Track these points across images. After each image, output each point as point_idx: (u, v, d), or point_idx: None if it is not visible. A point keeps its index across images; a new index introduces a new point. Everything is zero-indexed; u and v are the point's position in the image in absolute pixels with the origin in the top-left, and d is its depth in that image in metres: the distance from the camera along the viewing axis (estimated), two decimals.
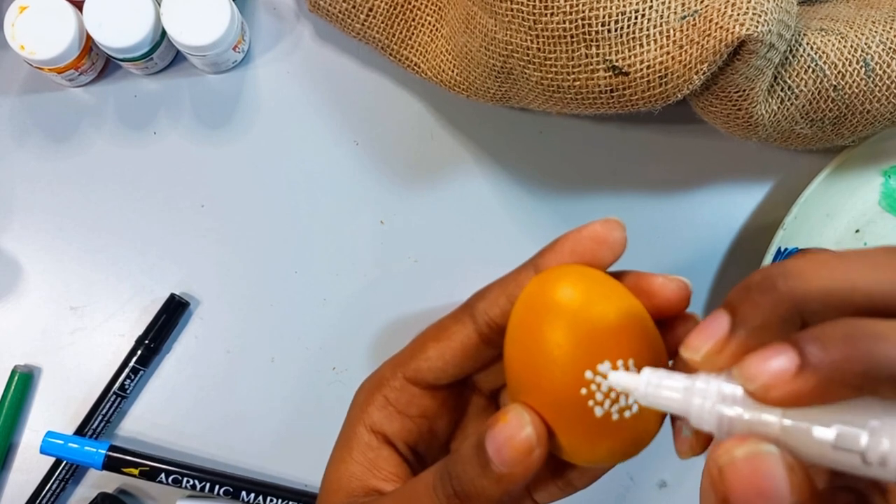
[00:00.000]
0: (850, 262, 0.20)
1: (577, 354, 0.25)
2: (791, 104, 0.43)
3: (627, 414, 0.25)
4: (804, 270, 0.20)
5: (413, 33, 0.47)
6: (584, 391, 0.25)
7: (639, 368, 0.25)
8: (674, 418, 0.26)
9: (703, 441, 0.24)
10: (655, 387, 0.22)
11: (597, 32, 0.39)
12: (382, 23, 0.47)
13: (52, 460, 0.47)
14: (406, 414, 0.30)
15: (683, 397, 0.22)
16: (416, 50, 0.47)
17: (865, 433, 0.18)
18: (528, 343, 0.26)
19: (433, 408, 0.31)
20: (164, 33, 0.47)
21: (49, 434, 0.46)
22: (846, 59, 0.42)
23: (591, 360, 0.25)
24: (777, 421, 0.20)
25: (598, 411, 0.25)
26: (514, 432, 0.25)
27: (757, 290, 0.20)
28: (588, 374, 0.25)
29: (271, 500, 0.47)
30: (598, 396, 0.25)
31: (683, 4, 0.39)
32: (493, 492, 0.25)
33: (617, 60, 0.40)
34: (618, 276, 0.28)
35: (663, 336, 0.27)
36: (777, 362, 0.19)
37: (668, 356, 0.27)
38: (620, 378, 0.23)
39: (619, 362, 0.25)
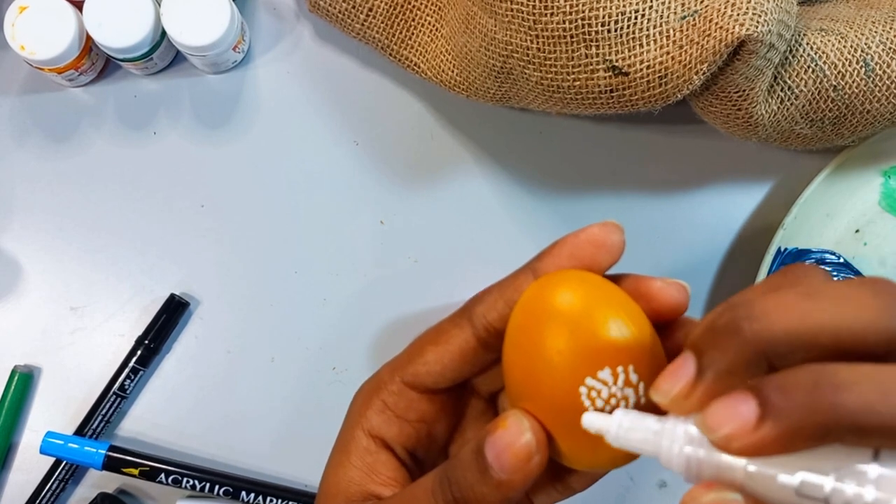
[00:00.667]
0: (815, 300, 0.20)
1: (577, 361, 0.25)
2: (791, 104, 0.43)
3: None
4: (769, 312, 0.20)
5: (413, 33, 0.47)
6: (584, 398, 0.25)
7: (639, 375, 0.25)
8: None
9: None
10: (626, 430, 0.23)
11: (597, 32, 0.39)
12: (382, 23, 0.47)
13: (51, 460, 0.47)
14: (404, 418, 0.30)
15: (654, 439, 0.22)
16: (416, 50, 0.47)
17: (829, 479, 0.19)
18: (527, 348, 0.26)
19: (431, 412, 0.31)
20: (163, 33, 0.47)
21: (49, 434, 0.46)
22: (846, 60, 0.42)
23: (591, 366, 0.25)
24: (742, 466, 0.20)
25: None
26: (513, 439, 0.25)
27: (722, 333, 0.20)
28: (589, 382, 0.25)
29: (271, 501, 0.47)
30: (599, 403, 0.25)
31: (683, 4, 0.39)
32: (492, 498, 0.25)
33: (617, 60, 0.40)
34: (616, 279, 0.28)
35: (662, 340, 0.27)
36: (738, 413, 0.19)
37: (668, 361, 0.27)
38: (593, 419, 0.23)
39: (619, 369, 0.25)
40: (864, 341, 0.19)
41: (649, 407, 0.24)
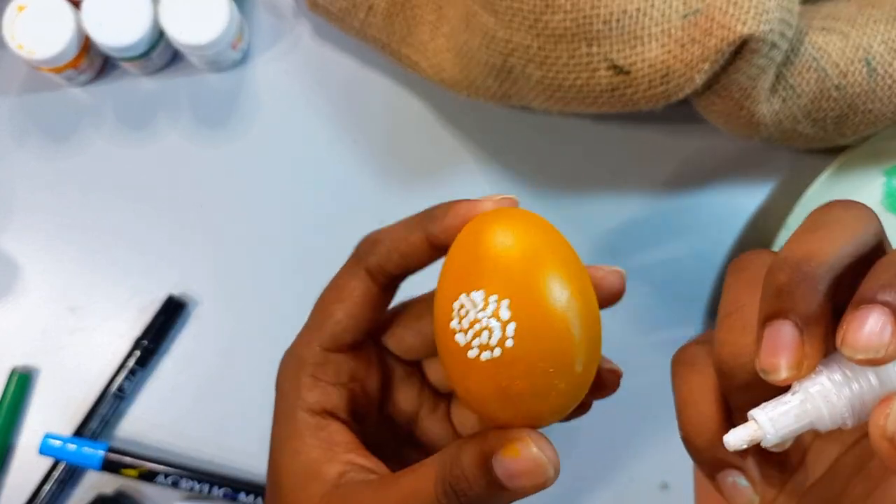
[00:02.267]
0: (826, 230, 0.22)
1: (460, 276, 0.24)
2: (793, 103, 0.43)
3: (486, 356, 0.23)
4: (810, 251, 0.21)
5: (413, 31, 0.46)
6: (453, 322, 0.24)
7: (513, 314, 0.23)
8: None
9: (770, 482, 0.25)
10: (778, 422, 0.22)
11: (598, 31, 0.39)
12: (382, 21, 0.46)
13: (50, 461, 0.47)
14: (338, 383, 0.30)
15: (807, 410, 0.22)
16: (416, 48, 0.47)
17: None
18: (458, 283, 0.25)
19: (360, 369, 0.31)
20: (162, 32, 0.47)
21: (48, 435, 0.46)
22: (848, 59, 0.41)
23: (468, 285, 0.24)
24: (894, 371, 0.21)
25: (460, 340, 0.24)
26: (528, 467, 0.24)
27: (794, 286, 0.21)
28: (461, 298, 0.24)
29: None
30: (464, 324, 0.23)
31: (685, 3, 0.39)
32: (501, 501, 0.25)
33: (618, 59, 0.40)
34: None
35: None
36: (872, 324, 0.20)
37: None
38: (740, 435, 0.22)
39: (493, 298, 0.23)
40: (870, 247, 0.22)
41: (513, 348, 0.23)
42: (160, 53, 0.48)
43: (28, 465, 0.48)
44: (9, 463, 0.48)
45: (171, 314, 0.48)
